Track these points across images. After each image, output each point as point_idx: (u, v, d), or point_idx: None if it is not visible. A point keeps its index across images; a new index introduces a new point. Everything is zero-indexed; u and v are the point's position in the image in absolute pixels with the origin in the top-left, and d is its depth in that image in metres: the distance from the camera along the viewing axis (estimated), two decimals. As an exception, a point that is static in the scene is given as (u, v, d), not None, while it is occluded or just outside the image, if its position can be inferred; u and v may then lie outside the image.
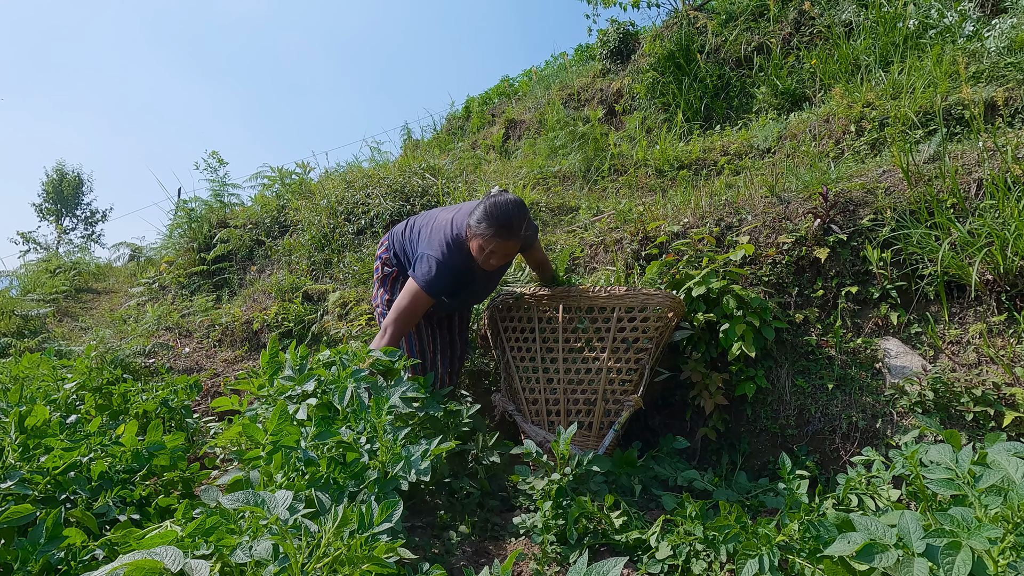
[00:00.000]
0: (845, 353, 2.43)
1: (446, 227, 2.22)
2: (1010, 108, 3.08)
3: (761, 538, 1.47)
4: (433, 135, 8.46)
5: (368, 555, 1.11)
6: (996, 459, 1.26)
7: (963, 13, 3.92)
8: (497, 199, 2.12)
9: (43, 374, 2.71)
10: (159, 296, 5.95)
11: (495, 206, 2.10)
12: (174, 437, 1.94)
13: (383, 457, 1.63)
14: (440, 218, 2.30)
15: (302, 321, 4.14)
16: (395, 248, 2.44)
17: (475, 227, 2.12)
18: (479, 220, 2.11)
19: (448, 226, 2.22)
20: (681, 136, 4.72)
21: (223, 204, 6.62)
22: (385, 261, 2.46)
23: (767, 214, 2.82)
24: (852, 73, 4.13)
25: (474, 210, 2.15)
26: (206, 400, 3.57)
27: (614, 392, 2.35)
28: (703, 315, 2.48)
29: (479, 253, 2.14)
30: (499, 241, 2.09)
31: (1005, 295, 2.29)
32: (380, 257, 2.48)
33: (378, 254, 2.51)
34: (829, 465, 2.26)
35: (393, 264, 2.44)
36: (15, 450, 1.60)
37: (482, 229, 2.09)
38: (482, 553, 1.89)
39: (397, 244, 2.43)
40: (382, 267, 2.47)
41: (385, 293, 2.46)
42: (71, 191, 25.46)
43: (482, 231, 2.09)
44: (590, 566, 1.05)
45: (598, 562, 1.05)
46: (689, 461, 2.50)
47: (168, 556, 1.02)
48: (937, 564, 1.05)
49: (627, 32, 6.38)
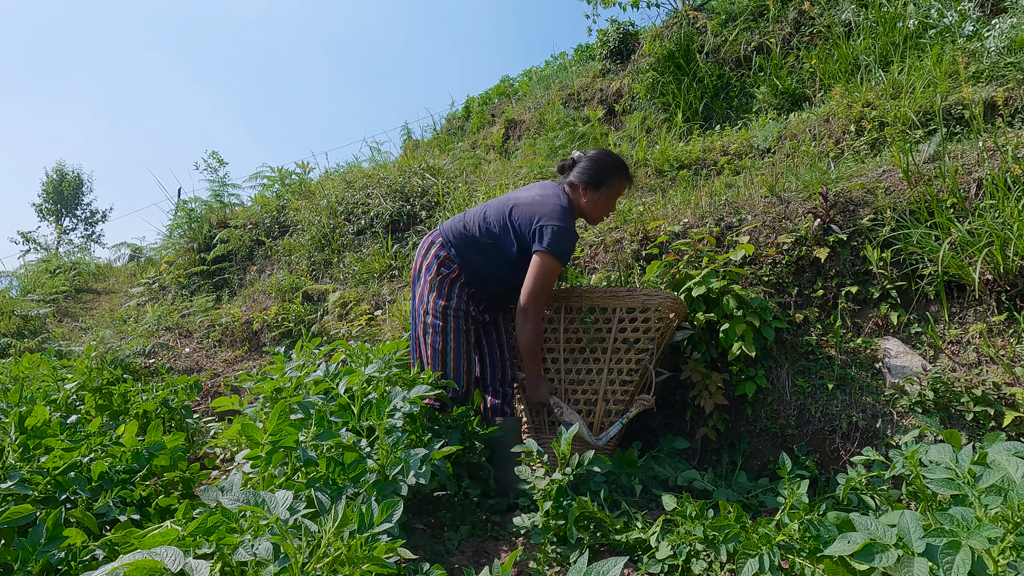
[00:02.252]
0: (845, 353, 2.43)
1: (553, 198, 2.24)
2: (1010, 108, 3.08)
3: (761, 538, 1.47)
4: (433, 135, 8.46)
5: (368, 555, 1.10)
6: (996, 459, 1.26)
7: (963, 13, 3.92)
8: (599, 152, 2.35)
9: (43, 374, 2.71)
10: (159, 296, 5.95)
11: (608, 154, 2.34)
12: (174, 437, 1.94)
13: (382, 460, 1.63)
14: (524, 196, 2.27)
15: (302, 321, 4.14)
16: (454, 245, 2.24)
17: (607, 178, 2.30)
18: (608, 171, 2.30)
19: (556, 196, 2.25)
20: (681, 136, 4.72)
21: (223, 204, 6.62)
22: (443, 261, 2.24)
23: (767, 214, 2.82)
24: (852, 73, 4.13)
25: (585, 170, 2.30)
26: (206, 400, 3.57)
27: (615, 392, 2.35)
28: (703, 315, 2.48)
29: (609, 203, 2.33)
30: (629, 182, 2.37)
31: (1005, 295, 2.29)
32: (436, 256, 2.25)
33: (430, 254, 2.27)
34: (829, 465, 2.26)
35: (454, 263, 2.23)
36: (15, 450, 1.60)
37: (616, 178, 2.31)
38: (482, 553, 1.89)
39: (456, 239, 2.25)
40: (438, 268, 2.24)
41: (440, 298, 2.23)
42: (71, 191, 25.46)
43: (617, 179, 2.31)
44: (590, 566, 1.04)
45: (598, 562, 1.04)
46: (689, 461, 2.50)
47: (168, 556, 1.02)
48: (937, 564, 1.05)
49: (627, 32, 6.38)
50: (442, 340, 2.22)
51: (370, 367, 2.06)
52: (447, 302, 2.23)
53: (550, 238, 2.12)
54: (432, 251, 2.27)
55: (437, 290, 2.24)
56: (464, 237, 2.25)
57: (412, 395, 1.89)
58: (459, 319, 2.23)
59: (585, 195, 2.30)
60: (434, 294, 2.24)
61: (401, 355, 2.43)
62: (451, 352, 2.23)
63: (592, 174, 2.29)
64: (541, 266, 2.14)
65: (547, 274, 2.14)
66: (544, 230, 2.14)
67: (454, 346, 2.23)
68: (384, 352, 2.37)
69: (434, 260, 2.25)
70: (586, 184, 2.29)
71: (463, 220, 2.29)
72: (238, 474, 1.59)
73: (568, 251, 2.17)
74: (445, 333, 2.22)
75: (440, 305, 2.23)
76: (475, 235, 2.24)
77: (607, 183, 2.30)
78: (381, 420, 1.70)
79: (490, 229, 2.24)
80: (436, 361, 2.22)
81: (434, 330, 2.23)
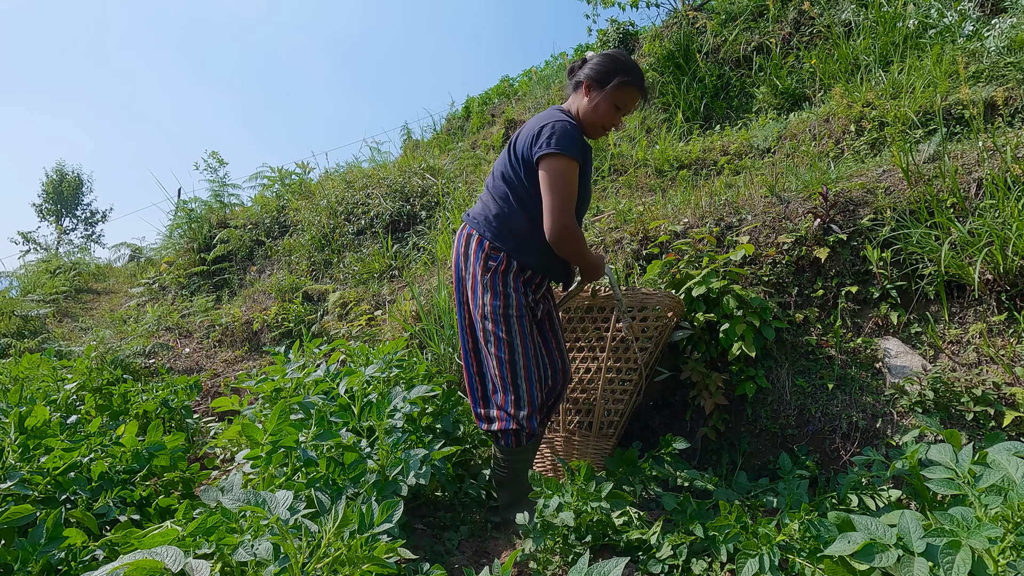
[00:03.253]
0: (845, 353, 2.43)
1: (547, 111, 1.97)
2: (1010, 108, 3.08)
3: (761, 538, 1.47)
4: (433, 135, 8.46)
5: (368, 555, 1.11)
6: (996, 459, 1.26)
7: (963, 13, 3.92)
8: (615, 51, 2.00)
9: (43, 375, 2.71)
10: (159, 296, 5.95)
11: (624, 55, 1.98)
12: (174, 437, 1.94)
13: (383, 460, 1.63)
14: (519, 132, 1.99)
15: (302, 321, 4.14)
16: (488, 227, 1.95)
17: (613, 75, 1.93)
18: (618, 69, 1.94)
19: (550, 109, 1.99)
20: (681, 136, 4.72)
21: (223, 204, 6.63)
22: (489, 252, 1.92)
23: (767, 214, 2.82)
24: (852, 73, 4.13)
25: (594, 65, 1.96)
26: (206, 400, 3.57)
27: (614, 392, 2.35)
28: (703, 315, 2.48)
29: (609, 109, 1.95)
30: (640, 93, 1.97)
31: (1005, 295, 2.29)
32: (479, 250, 1.93)
33: (471, 250, 1.95)
34: (829, 465, 2.26)
35: (500, 250, 1.91)
36: (15, 450, 1.60)
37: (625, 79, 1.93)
38: (482, 553, 1.89)
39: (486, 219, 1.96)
40: (485, 261, 1.92)
41: (495, 297, 1.91)
42: (71, 191, 25.48)
43: (625, 81, 1.93)
44: (590, 566, 1.05)
45: (598, 562, 1.05)
46: (689, 461, 2.50)
47: (169, 556, 1.02)
48: (937, 563, 1.05)
49: (627, 32, 6.38)
50: (508, 349, 1.91)
51: (370, 367, 2.06)
52: (505, 300, 1.91)
53: (549, 135, 1.83)
54: (472, 246, 1.96)
55: (491, 290, 1.92)
56: (491, 211, 1.96)
57: (412, 395, 1.89)
58: (522, 319, 1.93)
59: (587, 94, 1.97)
60: (488, 295, 1.92)
61: (401, 355, 2.44)
62: (519, 360, 1.92)
63: (599, 69, 1.96)
64: (553, 171, 1.81)
65: (564, 178, 1.81)
66: (542, 131, 1.85)
67: (522, 352, 1.92)
68: (384, 352, 2.38)
69: (477, 256, 1.94)
70: (591, 81, 1.96)
71: (483, 199, 2.03)
72: (238, 474, 1.60)
73: (577, 145, 1.85)
74: (510, 339, 1.91)
75: (498, 307, 1.91)
76: (497, 200, 1.96)
77: (612, 81, 1.94)
78: (381, 420, 1.70)
79: (506, 180, 1.96)
80: (505, 373, 1.91)
81: (496, 339, 1.91)
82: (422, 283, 3.74)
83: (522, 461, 1.99)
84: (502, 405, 1.92)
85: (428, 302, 3.20)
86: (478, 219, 1.97)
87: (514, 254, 1.91)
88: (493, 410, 1.96)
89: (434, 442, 1.91)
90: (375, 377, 2.14)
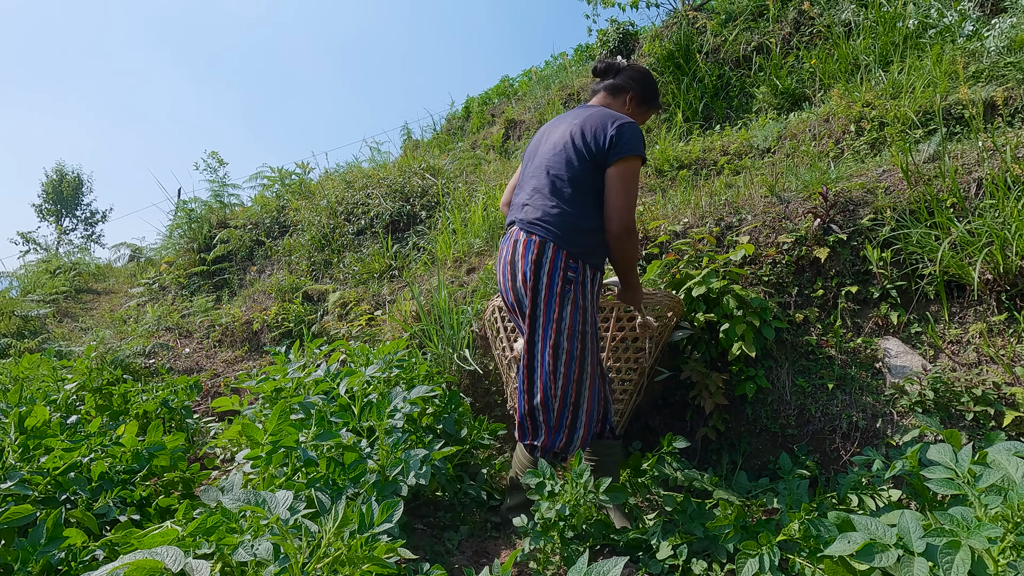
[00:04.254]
0: (845, 353, 2.43)
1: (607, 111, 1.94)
2: (1010, 108, 3.08)
3: (761, 538, 1.47)
4: (433, 135, 8.46)
5: (368, 555, 1.11)
6: (996, 458, 1.26)
7: (963, 13, 3.92)
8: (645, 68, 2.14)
9: (43, 375, 2.71)
10: (159, 296, 5.95)
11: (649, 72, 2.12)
12: (174, 437, 1.94)
13: (383, 460, 1.63)
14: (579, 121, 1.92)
15: (302, 321, 4.14)
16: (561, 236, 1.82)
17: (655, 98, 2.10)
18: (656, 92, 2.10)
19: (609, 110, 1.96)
20: (681, 136, 4.72)
21: (223, 204, 6.63)
22: (568, 261, 1.81)
23: (767, 214, 2.82)
24: (852, 73, 4.13)
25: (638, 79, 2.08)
26: (206, 400, 3.57)
27: (613, 392, 2.35)
28: (703, 315, 2.48)
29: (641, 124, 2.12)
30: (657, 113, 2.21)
31: (1005, 295, 2.29)
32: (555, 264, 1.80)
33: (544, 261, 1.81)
34: (829, 465, 2.26)
35: (576, 260, 1.81)
36: (15, 450, 1.60)
37: (658, 101, 2.12)
38: (482, 553, 1.89)
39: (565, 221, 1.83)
40: (564, 273, 1.80)
41: (576, 311, 1.81)
42: (71, 191, 25.47)
43: (658, 103, 2.12)
44: (590, 566, 1.05)
45: (598, 562, 1.05)
46: (689, 461, 2.50)
47: (169, 556, 1.02)
48: (937, 563, 1.05)
49: (627, 32, 6.38)
50: (578, 368, 1.82)
51: (370, 368, 2.06)
52: (584, 316, 1.82)
53: (630, 135, 1.82)
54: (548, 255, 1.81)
55: (572, 303, 1.81)
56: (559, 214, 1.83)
57: (412, 396, 1.89)
58: (596, 336, 1.86)
59: (632, 105, 2.04)
60: (568, 307, 1.81)
61: (401, 355, 2.44)
62: (587, 379, 1.84)
63: (647, 87, 2.06)
64: (630, 172, 1.81)
65: (637, 179, 1.84)
66: (622, 131, 1.82)
67: (590, 371, 1.85)
68: (384, 352, 2.38)
69: (555, 271, 1.80)
70: (639, 95, 2.05)
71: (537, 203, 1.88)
72: (238, 474, 1.60)
73: (642, 141, 1.87)
74: (583, 355, 1.82)
75: (578, 323, 1.81)
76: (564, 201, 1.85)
77: (653, 103, 2.10)
78: (381, 421, 1.70)
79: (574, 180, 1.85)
80: (569, 391, 1.82)
81: (569, 356, 1.80)
82: (422, 283, 3.74)
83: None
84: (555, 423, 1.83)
85: (428, 302, 3.20)
86: (547, 225, 1.83)
87: (588, 258, 1.83)
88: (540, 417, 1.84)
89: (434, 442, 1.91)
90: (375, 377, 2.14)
